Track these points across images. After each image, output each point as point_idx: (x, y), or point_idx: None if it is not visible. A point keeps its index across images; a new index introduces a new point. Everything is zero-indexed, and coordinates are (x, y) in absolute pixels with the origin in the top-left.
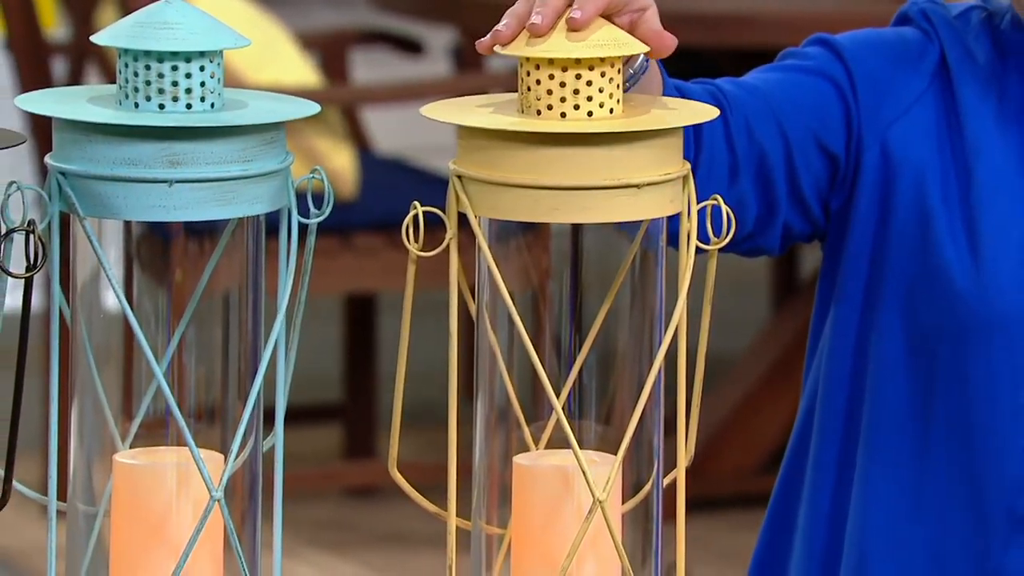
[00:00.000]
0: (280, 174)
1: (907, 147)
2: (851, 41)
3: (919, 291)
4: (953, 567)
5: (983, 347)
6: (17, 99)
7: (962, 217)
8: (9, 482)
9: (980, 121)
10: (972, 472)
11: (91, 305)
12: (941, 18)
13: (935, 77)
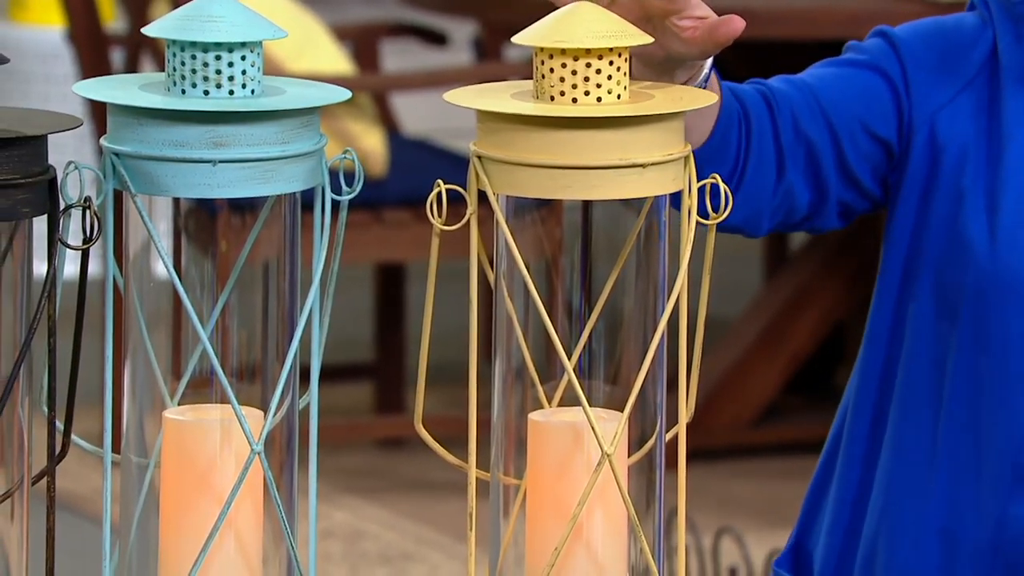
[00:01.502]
0: (315, 155)
1: (952, 130)
2: (908, 33)
3: (946, 258)
4: (964, 515)
5: (998, 311)
6: (75, 86)
7: (986, 193)
8: (68, 435)
9: (1017, 107)
10: (982, 427)
11: (142, 274)
12: (999, 5)
13: (984, 66)
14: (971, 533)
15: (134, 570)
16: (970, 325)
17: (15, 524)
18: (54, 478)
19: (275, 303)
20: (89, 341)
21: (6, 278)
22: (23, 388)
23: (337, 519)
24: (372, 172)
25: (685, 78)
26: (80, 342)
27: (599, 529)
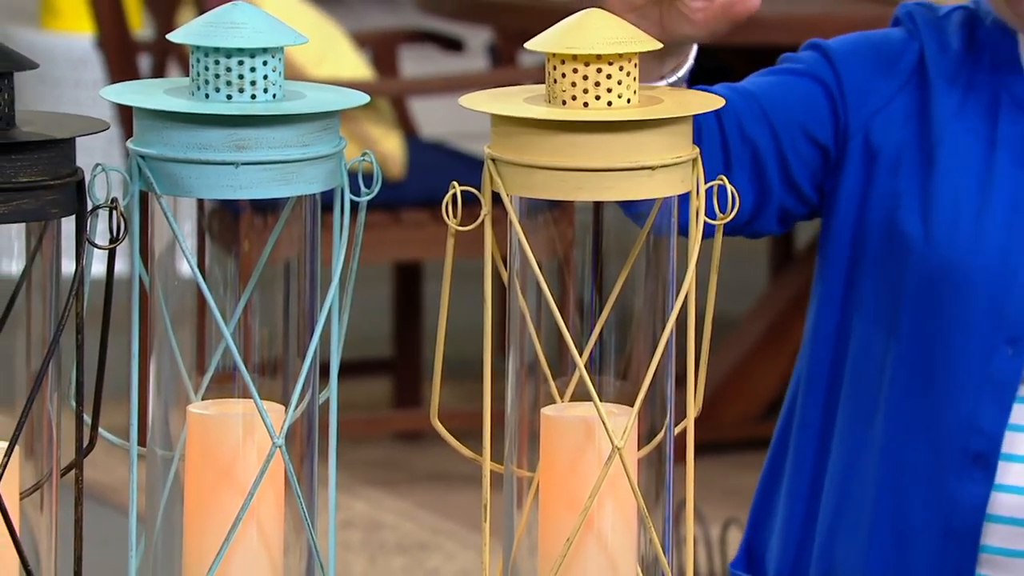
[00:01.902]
0: (334, 157)
1: (886, 135)
2: (840, 44)
3: (886, 256)
4: (916, 503)
5: (938, 303)
6: (102, 91)
7: (921, 193)
8: (95, 429)
9: (945, 110)
10: (930, 414)
11: (167, 272)
12: (924, 18)
13: (914, 73)
14: (923, 520)
15: (159, 559)
16: (911, 319)
17: (45, 514)
18: (82, 470)
19: (296, 301)
20: (116, 338)
21: (36, 277)
22: (52, 383)
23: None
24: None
25: (673, 65)
26: (107, 339)
27: (610, 520)
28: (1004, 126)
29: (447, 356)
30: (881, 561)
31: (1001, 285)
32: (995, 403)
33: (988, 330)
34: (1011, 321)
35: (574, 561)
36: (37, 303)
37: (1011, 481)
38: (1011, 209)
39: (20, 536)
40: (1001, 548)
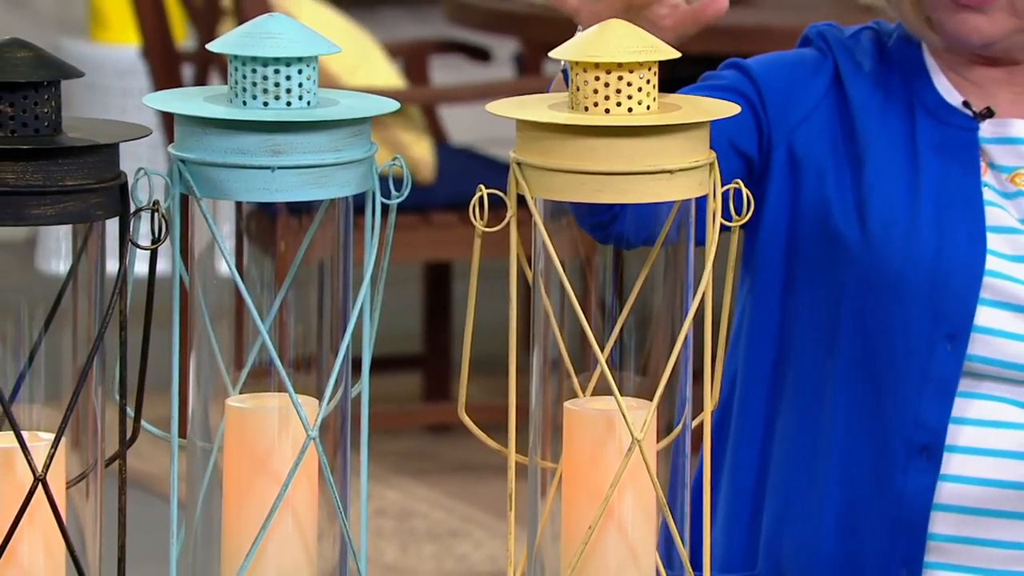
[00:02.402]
0: (366, 161)
1: (809, 146)
2: (759, 63)
3: (824, 263)
4: (861, 492)
5: (877, 303)
6: (145, 98)
7: (854, 198)
8: (138, 421)
9: (868, 118)
10: (875, 409)
11: (206, 272)
12: (835, 39)
13: (830, 88)
14: (872, 512)
15: (199, 545)
16: (852, 319)
17: (90, 502)
18: (125, 461)
19: (329, 299)
20: (157, 334)
21: (81, 276)
22: (97, 377)
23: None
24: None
25: None
26: (149, 335)
27: (630, 510)
28: (921, 131)
29: (474, 352)
30: (831, 553)
31: (936, 283)
32: (937, 397)
33: (927, 327)
34: (948, 318)
35: (595, 548)
36: (83, 301)
37: (955, 471)
38: (939, 210)
39: (66, 523)
40: (948, 535)
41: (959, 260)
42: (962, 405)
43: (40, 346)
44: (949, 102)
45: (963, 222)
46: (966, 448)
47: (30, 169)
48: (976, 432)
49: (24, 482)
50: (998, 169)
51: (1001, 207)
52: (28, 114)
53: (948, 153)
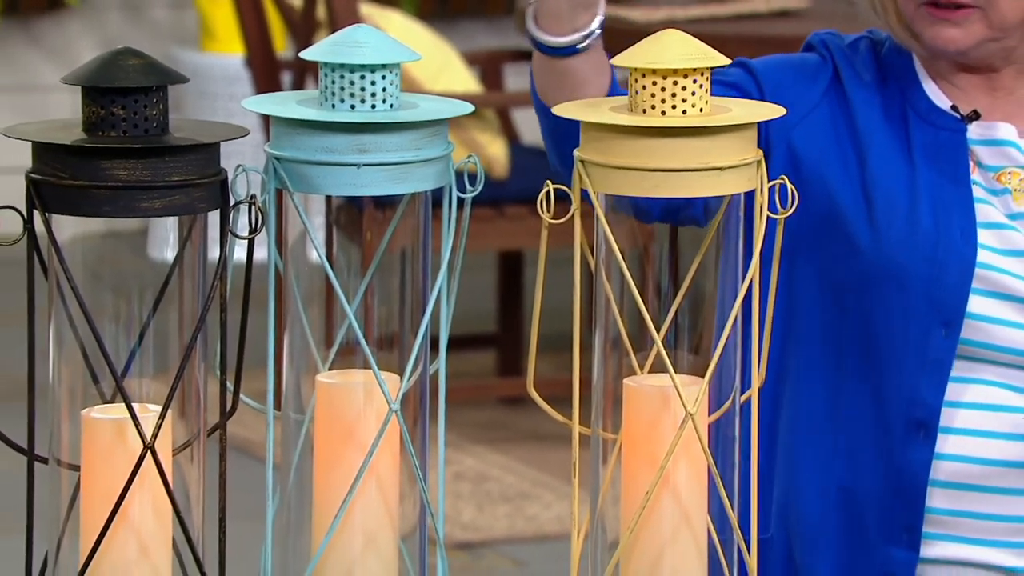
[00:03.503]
0: (443, 159)
1: (808, 143)
2: (762, 63)
3: (829, 253)
4: (864, 464)
5: (880, 292)
6: (244, 102)
7: (862, 193)
8: (237, 395)
9: (869, 119)
10: (877, 390)
11: (299, 259)
12: (836, 46)
13: (828, 91)
14: (871, 484)
15: (293, 506)
16: (856, 308)
17: (195, 467)
18: (225, 430)
19: (410, 284)
20: (254, 316)
21: (186, 262)
22: (200, 355)
23: (466, 464)
24: (496, 175)
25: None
26: (247, 316)
27: (683, 477)
28: (915, 134)
29: (542, 332)
30: (836, 521)
31: (933, 275)
32: (933, 378)
33: (923, 315)
34: (943, 306)
35: (652, 512)
36: (188, 285)
37: (949, 450)
38: (935, 208)
39: (173, 487)
40: (945, 509)
41: (953, 253)
42: (958, 389)
43: (149, 326)
44: (939, 106)
45: (956, 218)
46: (962, 429)
47: (140, 166)
48: (971, 414)
49: (135, 450)
50: (985, 168)
51: (989, 203)
52: (138, 116)
53: (940, 154)
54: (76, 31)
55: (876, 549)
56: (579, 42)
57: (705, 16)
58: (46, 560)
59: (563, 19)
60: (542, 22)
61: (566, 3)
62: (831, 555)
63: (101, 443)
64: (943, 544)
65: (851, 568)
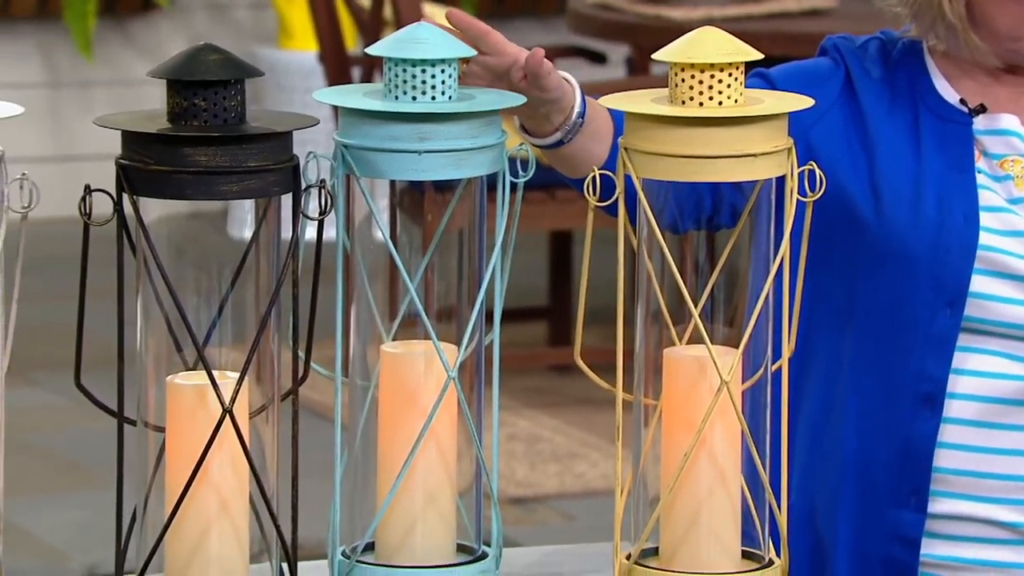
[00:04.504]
0: (498, 147)
1: (824, 142)
2: (779, 71)
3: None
4: (876, 434)
5: (888, 275)
6: (315, 94)
7: (870, 187)
8: (308, 363)
9: (877, 116)
10: (888, 365)
11: (365, 238)
12: (847, 49)
13: (842, 92)
14: (882, 452)
15: (359, 465)
16: (866, 290)
17: (269, 429)
18: (298, 396)
19: (467, 261)
20: (324, 290)
21: (262, 241)
22: (274, 326)
23: (520, 426)
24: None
25: (561, 119)
26: (317, 291)
27: (719, 440)
28: (925, 127)
29: (589, 306)
30: (851, 487)
31: (937, 256)
32: (939, 354)
33: (930, 295)
34: (948, 288)
35: (690, 471)
36: (263, 262)
37: (955, 414)
38: (940, 193)
39: (249, 447)
40: (952, 469)
41: (957, 236)
42: (961, 358)
43: (228, 299)
44: (947, 100)
45: (960, 203)
46: (964, 395)
47: (219, 153)
48: (973, 381)
49: (215, 413)
50: (990, 156)
51: (992, 190)
52: (218, 107)
53: (947, 144)
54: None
55: (887, 512)
56: (563, 137)
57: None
58: (135, 513)
59: (543, 124)
60: (528, 128)
61: (539, 114)
62: (847, 518)
63: (184, 407)
64: (948, 501)
65: (864, 530)
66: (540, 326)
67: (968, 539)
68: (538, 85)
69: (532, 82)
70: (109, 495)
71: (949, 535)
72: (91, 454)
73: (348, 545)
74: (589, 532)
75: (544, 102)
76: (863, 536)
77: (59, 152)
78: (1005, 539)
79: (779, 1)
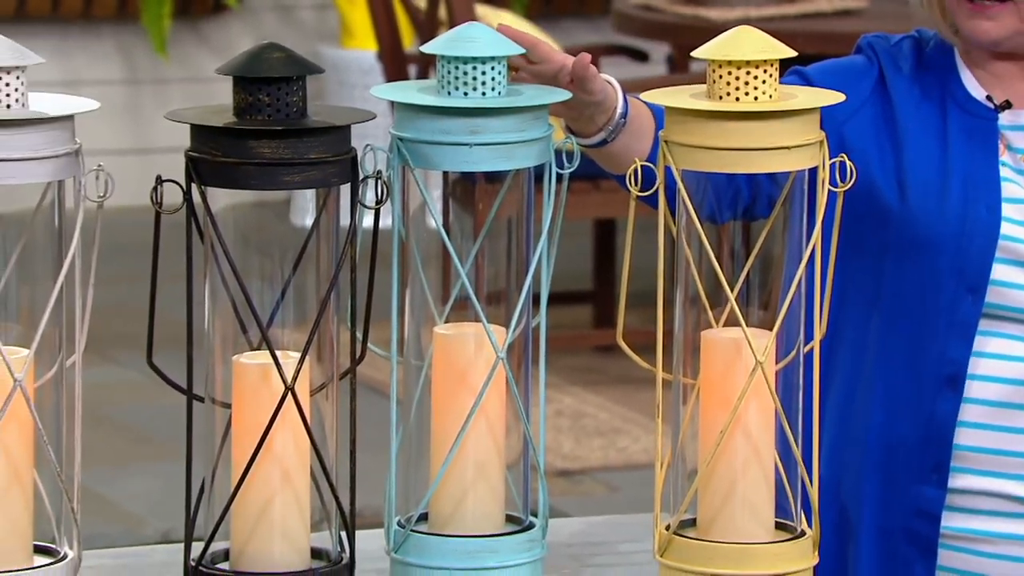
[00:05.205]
0: (544, 140)
1: (857, 137)
2: (815, 69)
3: (869, 231)
4: (900, 414)
5: (913, 263)
6: (371, 89)
7: (895, 178)
8: (365, 343)
9: (907, 112)
10: (912, 349)
11: (419, 226)
12: (881, 48)
13: (875, 89)
14: (906, 431)
15: (413, 438)
16: (892, 277)
17: (329, 405)
18: (355, 374)
19: (516, 248)
20: (380, 275)
21: (322, 228)
22: (334, 308)
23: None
24: None
25: (604, 120)
26: (374, 276)
27: (753, 418)
28: (951, 121)
29: (631, 290)
30: (876, 465)
31: (961, 246)
32: (961, 338)
33: (953, 283)
34: (970, 274)
35: (726, 447)
36: (323, 248)
37: (975, 395)
38: (965, 185)
39: (310, 422)
40: (970, 446)
41: (980, 226)
42: (982, 342)
43: (290, 283)
44: (975, 96)
45: (983, 195)
46: (985, 377)
47: (282, 146)
48: (993, 364)
49: (278, 390)
50: (1014, 151)
51: (1015, 182)
52: (280, 102)
53: (973, 138)
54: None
55: (909, 487)
56: (606, 137)
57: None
58: (203, 484)
59: (587, 125)
60: (574, 129)
61: (583, 116)
62: (871, 492)
63: (249, 384)
64: (968, 477)
65: (888, 503)
66: (585, 309)
67: (986, 513)
68: (584, 88)
69: (578, 85)
70: (179, 466)
71: (969, 509)
72: (164, 427)
73: (403, 515)
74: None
75: (588, 104)
76: (886, 509)
77: (136, 145)
78: (1022, 513)
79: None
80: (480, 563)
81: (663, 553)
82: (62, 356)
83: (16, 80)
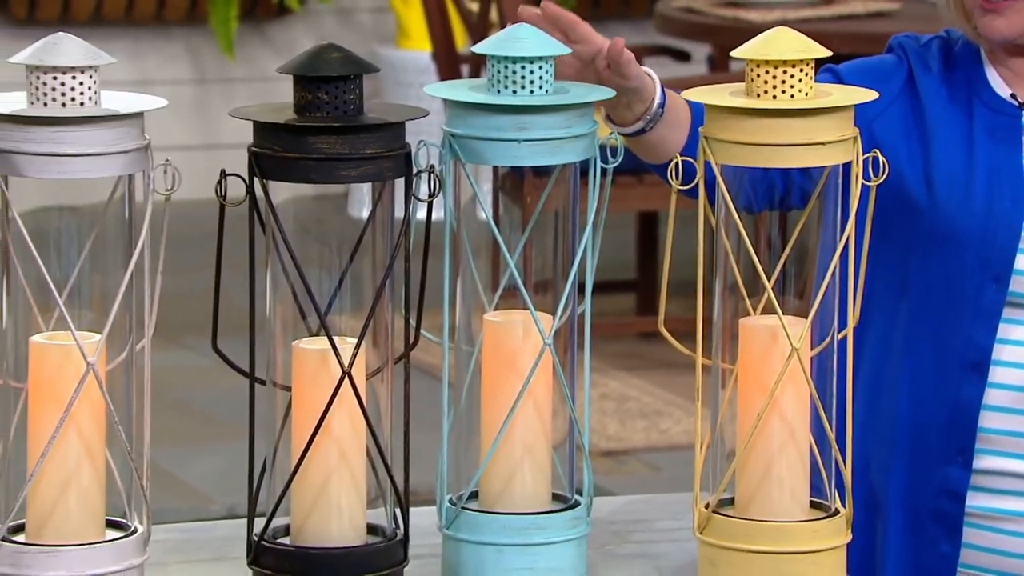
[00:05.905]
0: (590, 135)
1: (887, 133)
2: (847, 67)
3: (897, 224)
4: (926, 399)
5: (939, 253)
6: (425, 88)
7: (923, 172)
8: (419, 329)
9: (934, 109)
10: (938, 336)
11: (470, 218)
12: (911, 48)
13: (904, 87)
14: (933, 415)
15: (464, 420)
16: (919, 268)
17: (384, 389)
18: (409, 359)
19: (562, 239)
20: (432, 264)
21: (378, 220)
22: (388, 296)
23: (610, 387)
24: None
25: (642, 109)
26: (426, 266)
27: (789, 401)
28: (978, 119)
29: (672, 279)
30: (903, 446)
31: (985, 237)
32: (986, 326)
33: (977, 271)
34: (995, 264)
35: (763, 430)
36: (379, 239)
37: (999, 380)
38: (990, 180)
39: (366, 405)
40: (996, 429)
41: (1004, 218)
42: (1006, 329)
43: (347, 272)
44: (1000, 94)
45: (1007, 189)
46: (1008, 362)
47: (339, 141)
48: (1017, 350)
49: (336, 374)
50: None
51: None
52: (338, 100)
53: (997, 135)
54: (299, 32)
55: (936, 468)
56: (644, 126)
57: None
58: (265, 463)
59: (626, 113)
60: (613, 117)
61: (622, 104)
62: (899, 473)
63: (308, 368)
64: (993, 458)
65: (915, 484)
66: (628, 297)
67: (1010, 492)
68: (619, 72)
69: (614, 69)
70: (242, 446)
71: (993, 489)
72: (228, 409)
73: (454, 493)
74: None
75: (626, 91)
76: (914, 490)
77: (205, 141)
78: None
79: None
80: (528, 539)
81: (702, 530)
82: (132, 341)
83: (89, 79)
